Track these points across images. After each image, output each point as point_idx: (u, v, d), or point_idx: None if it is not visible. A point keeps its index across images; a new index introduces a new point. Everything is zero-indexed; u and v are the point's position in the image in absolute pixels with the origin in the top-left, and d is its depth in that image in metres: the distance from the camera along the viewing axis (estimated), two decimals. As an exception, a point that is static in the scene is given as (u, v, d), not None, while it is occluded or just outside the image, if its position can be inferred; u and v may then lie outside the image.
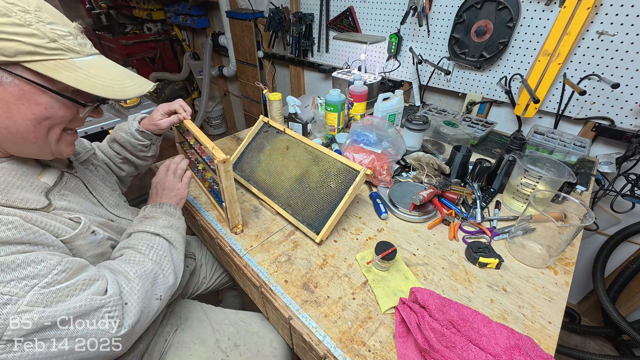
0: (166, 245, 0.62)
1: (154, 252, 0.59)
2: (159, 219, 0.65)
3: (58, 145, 0.54)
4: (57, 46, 0.46)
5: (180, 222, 0.69)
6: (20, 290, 0.41)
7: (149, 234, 0.62)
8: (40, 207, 0.51)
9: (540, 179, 0.80)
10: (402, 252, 0.75)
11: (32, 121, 0.48)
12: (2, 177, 0.49)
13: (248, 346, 0.77)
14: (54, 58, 0.46)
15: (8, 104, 0.45)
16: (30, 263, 0.43)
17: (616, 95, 1.05)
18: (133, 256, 0.57)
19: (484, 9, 1.19)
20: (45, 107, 0.48)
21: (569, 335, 1.51)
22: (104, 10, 3.46)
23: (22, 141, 0.49)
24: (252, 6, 2.20)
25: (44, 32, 0.45)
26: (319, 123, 1.30)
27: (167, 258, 0.60)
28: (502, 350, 0.52)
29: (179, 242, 0.65)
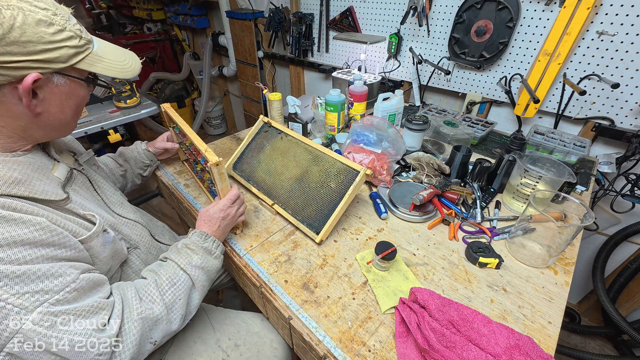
0: (188, 286, 0.60)
1: (172, 291, 0.57)
2: (195, 255, 0.63)
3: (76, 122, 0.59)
4: (83, 42, 0.50)
5: (216, 262, 0.67)
6: (30, 305, 0.41)
7: (179, 268, 0.61)
8: (59, 199, 0.53)
9: (540, 179, 0.80)
10: (402, 252, 0.75)
11: (74, 110, 0.54)
12: (23, 170, 0.50)
13: (248, 346, 0.77)
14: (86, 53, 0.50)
15: (61, 101, 0.50)
16: (50, 276, 0.44)
17: (616, 95, 1.05)
18: (151, 291, 0.56)
19: (484, 9, 1.19)
20: (83, 96, 0.54)
21: (569, 335, 1.51)
22: (104, 10, 3.46)
23: (65, 127, 0.55)
24: (252, 6, 2.20)
25: (74, 32, 0.48)
26: (319, 123, 1.30)
27: (182, 301, 0.58)
28: (502, 350, 0.52)
29: (203, 284, 0.63)
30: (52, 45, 0.45)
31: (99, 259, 0.56)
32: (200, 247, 0.65)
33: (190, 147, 0.88)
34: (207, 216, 0.70)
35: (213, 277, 0.67)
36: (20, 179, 0.49)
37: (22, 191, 0.48)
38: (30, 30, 0.42)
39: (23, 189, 0.48)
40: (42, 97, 0.47)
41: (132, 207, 0.78)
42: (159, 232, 0.85)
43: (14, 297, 0.40)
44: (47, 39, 0.44)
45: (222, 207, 0.71)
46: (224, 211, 0.70)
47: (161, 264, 0.63)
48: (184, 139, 0.90)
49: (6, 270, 0.40)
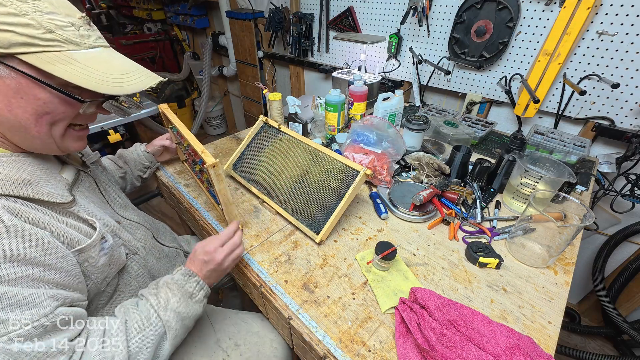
0: (159, 334, 0.54)
1: (139, 337, 0.52)
2: (173, 297, 0.58)
3: (63, 141, 0.53)
4: (53, 37, 0.44)
5: (196, 306, 0.60)
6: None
7: (153, 310, 0.56)
8: (65, 201, 0.52)
9: (540, 179, 0.80)
10: (402, 252, 0.75)
11: (33, 115, 0.47)
12: (32, 171, 0.49)
13: (249, 346, 0.77)
14: (49, 50, 0.44)
15: (7, 97, 0.44)
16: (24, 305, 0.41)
17: (616, 95, 1.05)
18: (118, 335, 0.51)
19: (484, 9, 1.19)
20: (44, 102, 0.46)
21: (569, 335, 1.51)
22: (104, 10, 3.46)
23: (25, 135, 0.49)
24: (252, 6, 2.20)
25: (40, 22, 0.43)
26: (319, 123, 1.30)
27: (149, 350, 0.52)
28: (502, 350, 0.52)
29: (176, 333, 0.57)
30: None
31: (96, 268, 0.55)
32: (181, 289, 0.59)
33: (188, 148, 0.88)
34: (195, 254, 0.65)
35: (190, 325, 0.61)
36: (28, 180, 0.48)
37: (28, 192, 0.47)
38: None
39: (30, 190, 0.47)
40: None
41: (135, 210, 0.77)
42: (160, 233, 0.85)
43: None
44: None
45: (208, 248, 0.64)
46: (209, 254, 0.63)
47: (137, 302, 0.58)
48: (182, 139, 0.90)
49: None
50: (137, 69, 0.53)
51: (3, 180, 0.45)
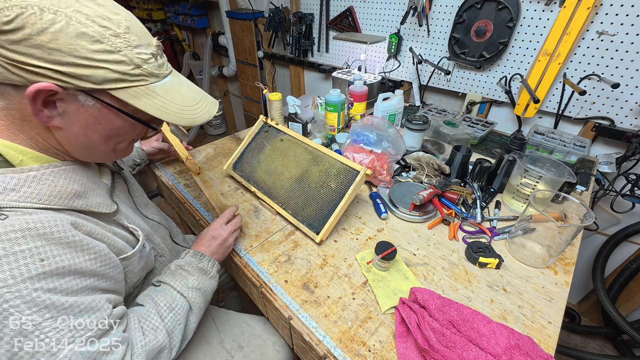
0: (186, 310, 0.59)
1: (171, 316, 0.57)
2: (190, 277, 0.63)
3: (122, 153, 0.56)
4: (140, 72, 0.46)
5: (211, 282, 0.66)
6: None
7: (176, 291, 0.60)
8: (111, 211, 0.54)
9: (540, 178, 0.80)
10: (402, 252, 0.75)
11: (105, 138, 0.49)
12: (81, 181, 0.50)
13: (252, 348, 0.77)
14: (135, 85, 0.46)
15: (87, 123, 0.46)
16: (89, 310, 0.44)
17: (616, 95, 1.05)
18: (153, 318, 0.55)
19: (484, 9, 1.19)
20: (118, 127, 0.49)
21: (569, 335, 1.51)
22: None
23: (92, 152, 0.52)
24: (252, 6, 2.20)
25: (131, 59, 0.44)
26: (319, 123, 1.30)
27: (181, 326, 0.57)
28: (502, 350, 0.52)
29: (200, 307, 0.62)
30: (86, 62, 0.41)
31: (134, 273, 0.57)
32: (196, 268, 0.64)
33: None
34: (201, 236, 0.71)
35: (209, 298, 0.66)
36: (79, 192, 0.49)
37: (80, 205, 0.48)
38: (64, 40, 0.39)
39: (81, 202, 0.48)
40: (63, 110, 0.44)
41: (155, 207, 0.77)
42: (175, 232, 0.85)
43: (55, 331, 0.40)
44: (82, 54, 0.41)
45: (214, 226, 0.72)
46: (215, 230, 0.71)
47: (156, 288, 0.61)
48: None
49: (57, 302, 0.40)
50: (203, 97, 0.55)
51: (59, 194, 0.46)
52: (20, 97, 0.42)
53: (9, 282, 0.37)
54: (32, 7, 0.37)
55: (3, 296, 0.36)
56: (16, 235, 0.38)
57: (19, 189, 0.42)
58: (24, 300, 0.38)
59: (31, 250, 0.39)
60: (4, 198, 0.40)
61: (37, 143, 0.47)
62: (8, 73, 0.39)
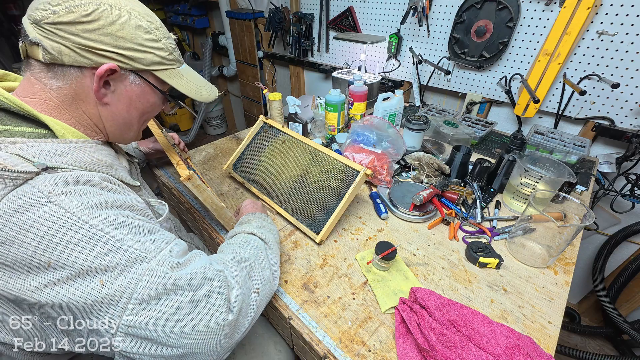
0: (262, 244, 0.62)
1: (250, 247, 0.60)
2: (253, 222, 0.68)
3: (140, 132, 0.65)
4: (173, 57, 0.57)
5: (272, 226, 0.70)
6: (154, 249, 0.44)
7: (245, 233, 0.64)
8: (137, 185, 0.60)
9: (540, 178, 0.80)
10: (402, 252, 0.75)
11: (141, 113, 0.58)
12: (110, 159, 0.55)
13: (253, 346, 0.77)
14: (170, 67, 0.57)
15: (131, 100, 0.55)
16: (157, 232, 0.48)
17: (616, 95, 1.05)
18: (229, 249, 0.59)
19: (484, 9, 1.19)
20: (152, 104, 0.59)
21: (569, 335, 1.51)
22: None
23: (127, 128, 0.60)
24: (252, 6, 2.20)
25: (167, 46, 0.55)
26: (319, 123, 1.30)
27: (263, 254, 0.60)
28: (502, 350, 0.52)
29: (273, 243, 0.65)
30: (142, 47, 0.51)
31: None
32: (253, 217, 0.69)
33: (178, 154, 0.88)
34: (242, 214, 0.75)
35: (278, 239, 0.69)
36: (111, 164, 0.54)
37: (115, 174, 0.53)
38: (127, 30, 0.49)
39: (115, 172, 0.54)
40: (114, 89, 0.52)
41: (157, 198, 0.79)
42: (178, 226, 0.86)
43: (139, 243, 0.44)
44: (139, 42, 0.51)
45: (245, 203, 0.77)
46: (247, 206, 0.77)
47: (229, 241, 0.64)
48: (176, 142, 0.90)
49: (127, 221, 0.44)
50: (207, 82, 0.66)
51: (97, 162, 0.51)
52: (81, 77, 0.49)
53: (79, 208, 0.41)
54: (104, 4, 0.47)
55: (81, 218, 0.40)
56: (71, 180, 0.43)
57: (66, 155, 0.48)
58: (99, 219, 0.42)
59: (88, 189, 0.44)
60: (56, 160, 0.46)
61: (81, 120, 0.54)
62: (78, 56, 0.47)
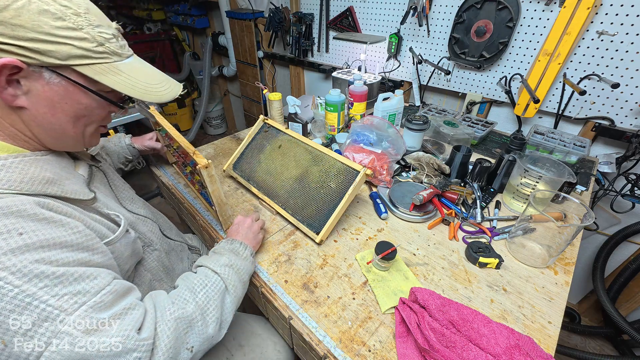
0: (221, 288, 0.58)
1: (204, 292, 0.55)
2: (222, 256, 0.63)
3: (91, 138, 0.56)
4: (103, 50, 0.48)
5: (245, 263, 0.65)
6: (70, 307, 0.40)
7: (209, 269, 0.60)
8: (88, 198, 0.53)
9: (540, 178, 0.80)
10: (402, 252, 0.75)
11: (72, 118, 0.50)
12: (53, 170, 0.50)
13: (252, 347, 0.77)
14: (100, 62, 0.48)
15: (53, 102, 0.47)
16: (86, 278, 0.43)
17: (616, 95, 1.05)
18: (183, 293, 0.54)
19: (484, 9, 1.19)
20: (85, 106, 0.50)
21: (569, 335, 1.51)
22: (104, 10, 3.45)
23: (61, 136, 0.51)
24: (252, 6, 2.20)
25: (93, 36, 0.46)
26: (319, 123, 1.30)
27: (216, 303, 0.55)
28: (502, 350, 0.52)
29: (235, 285, 0.60)
30: (50, 37, 0.43)
31: (122, 259, 0.56)
32: (227, 249, 0.65)
33: (178, 150, 0.86)
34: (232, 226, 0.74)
35: (245, 279, 0.64)
36: (52, 179, 0.48)
37: (55, 191, 0.48)
38: (26, 16, 0.41)
39: (56, 188, 0.48)
40: (27, 89, 0.45)
41: (141, 202, 0.77)
42: (167, 227, 0.84)
43: (54, 298, 0.39)
44: (46, 30, 0.42)
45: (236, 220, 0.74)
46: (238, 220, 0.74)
47: (191, 273, 0.62)
48: (170, 141, 0.88)
49: (47, 271, 0.39)
50: (166, 78, 0.58)
51: (31, 180, 0.45)
52: None
53: None
54: None
55: None
56: None
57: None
58: (11, 271, 0.36)
59: (6, 226, 0.38)
60: None
61: (4, 129, 0.47)
62: None
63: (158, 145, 0.98)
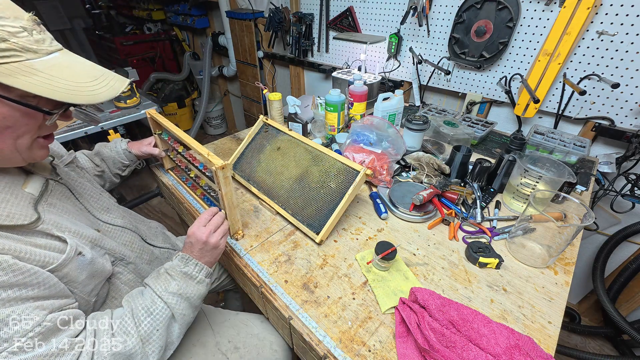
0: (167, 316, 0.55)
1: (148, 321, 0.53)
2: (172, 281, 0.58)
3: (30, 152, 0.50)
4: (8, 47, 0.40)
5: (198, 287, 0.61)
6: None
7: (156, 295, 0.57)
8: (29, 222, 0.48)
9: (540, 178, 0.80)
10: (402, 252, 0.75)
11: None
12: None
13: (248, 348, 0.77)
14: (6, 61, 0.40)
15: None
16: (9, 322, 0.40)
17: (616, 95, 1.05)
18: (126, 322, 0.52)
19: (484, 9, 1.19)
20: (3, 116, 0.43)
21: (569, 335, 1.51)
22: (104, 10, 3.46)
23: None
24: (252, 6, 2.20)
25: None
26: (319, 123, 1.30)
27: (160, 332, 0.54)
28: (502, 350, 0.52)
29: (184, 313, 0.58)
30: None
31: (77, 282, 0.52)
32: (180, 272, 0.60)
33: (183, 154, 0.85)
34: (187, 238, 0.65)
35: (197, 304, 0.61)
36: None
37: None
38: None
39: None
40: None
41: (120, 211, 0.73)
42: (151, 234, 0.81)
43: None
44: None
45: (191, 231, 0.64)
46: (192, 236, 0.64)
47: (142, 290, 0.59)
48: (174, 145, 0.86)
49: None
50: (103, 73, 0.50)
51: None
52: None
53: None
54: None
55: None
56: None
57: None
58: None
59: None
60: None
61: None
62: None
63: (156, 152, 0.93)
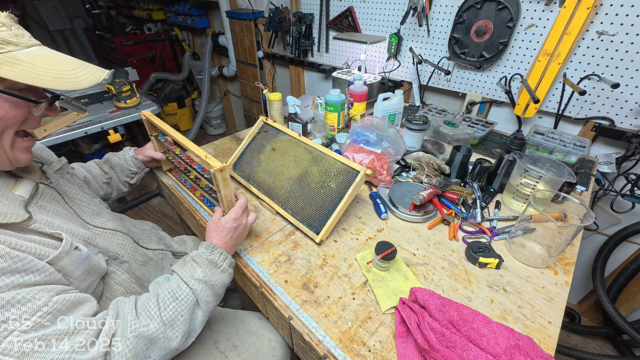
0: (191, 302, 0.57)
1: (173, 306, 0.54)
2: (199, 268, 0.60)
3: (14, 152, 0.52)
4: None
5: (223, 275, 0.63)
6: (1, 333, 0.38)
7: (182, 281, 0.58)
8: (20, 220, 0.49)
9: (540, 178, 0.80)
10: (402, 252, 0.75)
11: None
12: None
13: (247, 346, 0.77)
14: None
15: None
16: (16, 303, 0.41)
17: (616, 95, 1.05)
18: (150, 306, 0.53)
19: (484, 9, 1.19)
20: None
21: (569, 335, 1.51)
22: (104, 10, 3.46)
23: None
24: (252, 6, 2.20)
25: None
26: (319, 123, 1.30)
27: (184, 317, 0.55)
28: (502, 350, 0.52)
29: (207, 300, 0.59)
30: None
31: (74, 277, 0.53)
32: (205, 260, 0.62)
33: (180, 155, 0.84)
34: (218, 227, 0.67)
35: (220, 292, 0.63)
36: None
37: None
38: None
39: None
40: None
41: (111, 215, 0.74)
42: (144, 237, 0.82)
43: None
44: None
45: (235, 216, 0.68)
46: (236, 220, 0.68)
47: (168, 277, 0.60)
48: (171, 147, 0.86)
49: None
50: (84, 64, 0.52)
51: None
52: None
53: None
54: None
55: None
56: None
57: None
58: None
59: None
60: None
61: None
62: None
63: (158, 155, 0.94)
